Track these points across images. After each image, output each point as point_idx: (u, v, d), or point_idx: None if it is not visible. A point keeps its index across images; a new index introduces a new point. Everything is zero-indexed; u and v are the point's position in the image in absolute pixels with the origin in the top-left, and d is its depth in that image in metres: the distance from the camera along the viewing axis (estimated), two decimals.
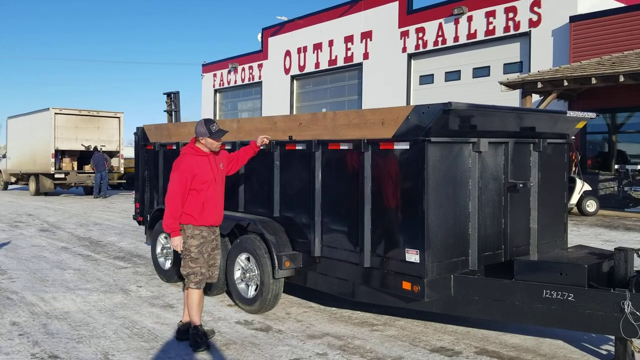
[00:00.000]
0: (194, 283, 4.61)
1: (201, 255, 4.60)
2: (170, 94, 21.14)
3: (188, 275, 4.61)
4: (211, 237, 4.68)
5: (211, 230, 4.68)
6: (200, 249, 4.60)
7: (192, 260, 4.59)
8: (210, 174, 4.62)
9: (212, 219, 4.65)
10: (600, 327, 4.07)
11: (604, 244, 9.40)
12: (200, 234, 4.60)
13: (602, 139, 17.15)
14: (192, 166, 4.55)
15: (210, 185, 4.61)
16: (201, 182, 4.55)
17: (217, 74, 33.69)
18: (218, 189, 4.71)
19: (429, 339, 4.81)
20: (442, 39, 21.14)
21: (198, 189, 4.55)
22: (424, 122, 4.30)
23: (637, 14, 15.84)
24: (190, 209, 4.56)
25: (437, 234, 4.41)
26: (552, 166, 5.35)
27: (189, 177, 4.51)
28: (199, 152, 4.65)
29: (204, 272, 4.64)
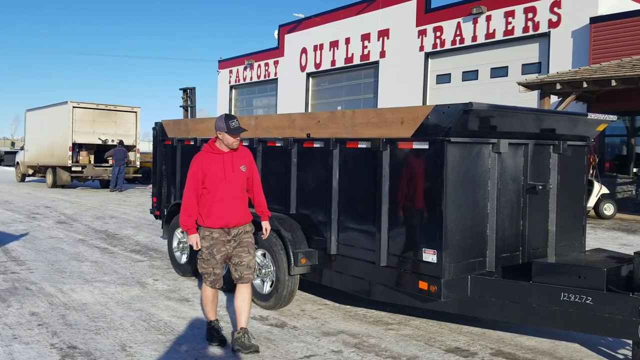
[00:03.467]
0: (209, 282, 4.53)
1: (212, 257, 4.41)
2: (186, 89, 21.29)
3: (202, 274, 4.53)
4: (226, 238, 4.44)
5: (224, 231, 4.43)
6: (211, 251, 4.40)
7: (203, 262, 4.46)
8: (221, 173, 4.38)
9: (220, 221, 4.39)
10: (618, 331, 4.04)
11: (622, 247, 9.30)
12: (210, 235, 4.40)
13: (620, 142, 16.97)
14: (204, 164, 4.38)
15: (220, 185, 4.37)
16: (211, 181, 4.36)
17: (233, 70, 33.79)
18: (231, 191, 4.41)
19: (444, 339, 4.80)
20: (460, 38, 21.01)
21: (208, 188, 4.38)
22: (444, 122, 4.29)
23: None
24: (201, 210, 4.41)
25: (455, 234, 4.40)
26: (571, 169, 5.32)
27: (200, 175, 4.36)
28: (214, 150, 4.46)
29: (218, 272, 4.47)
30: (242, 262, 4.48)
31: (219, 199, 4.37)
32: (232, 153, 4.46)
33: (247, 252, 4.50)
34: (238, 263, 4.50)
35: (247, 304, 4.49)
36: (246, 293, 4.50)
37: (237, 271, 4.50)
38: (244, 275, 4.49)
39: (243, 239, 4.51)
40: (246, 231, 4.54)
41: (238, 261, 4.50)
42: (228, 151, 4.45)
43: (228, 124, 4.38)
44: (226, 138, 4.40)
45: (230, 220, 4.42)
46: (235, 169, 4.44)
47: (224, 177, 4.38)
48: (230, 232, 4.45)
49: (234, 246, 4.48)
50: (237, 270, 4.50)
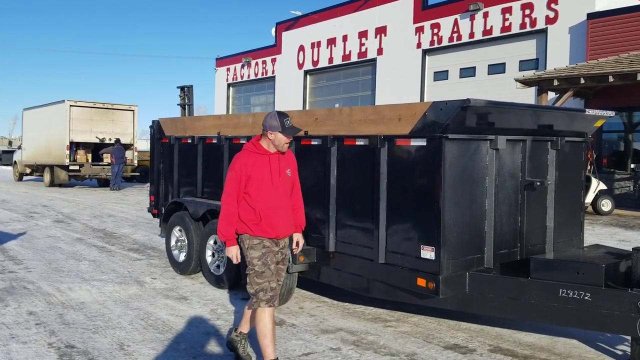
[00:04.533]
0: (265, 301, 3.78)
1: (267, 268, 3.82)
2: (183, 87, 21.25)
3: (256, 293, 3.81)
4: (275, 249, 3.94)
5: (273, 242, 3.93)
6: (265, 261, 3.83)
7: (257, 275, 3.82)
8: (268, 176, 3.87)
9: (273, 231, 3.89)
10: (617, 327, 4.04)
11: (620, 243, 9.32)
12: (260, 243, 3.86)
13: (618, 138, 16.98)
14: (248, 165, 3.85)
15: (266, 190, 3.86)
16: (256, 185, 3.84)
17: (230, 68, 33.76)
18: (278, 197, 3.92)
19: (442, 336, 4.80)
20: (457, 35, 21.01)
21: (252, 193, 3.85)
22: (441, 118, 4.28)
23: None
24: (246, 217, 3.87)
25: (453, 231, 4.39)
26: (569, 165, 5.31)
27: (243, 178, 3.83)
28: (259, 150, 3.92)
29: (274, 286, 3.84)
30: (280, 281, 4.03)
31: (266, 206, 3.86)
32: (279, 155, 3.96)
33: (285, 270, 4.14)
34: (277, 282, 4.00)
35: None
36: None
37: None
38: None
39: (285, 255, 4.07)
40: (287, 245, 4.11)
41: (277, 279, 4.00)
42: (274, 152, 3.94)
43: (282, 123, 3.86)
44: (279, 138, 3.87)
45: (282, 230, 3.94)
46: (282, 173, 3.95)
47: (270, 181, 3.87)
48: (279, 243, 3.99)
49: (277, 261, 3.98)
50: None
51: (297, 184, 4.17)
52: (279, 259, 4.00)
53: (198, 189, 7.08)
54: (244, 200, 3.88)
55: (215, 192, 6.79)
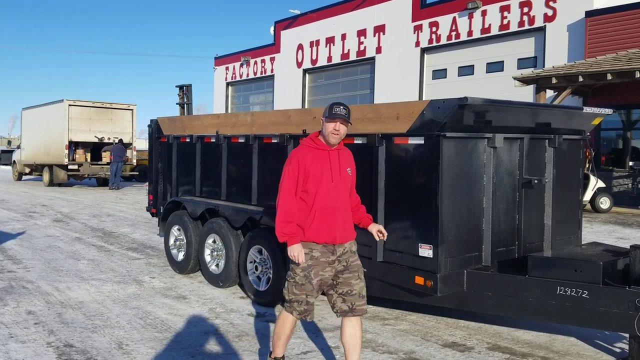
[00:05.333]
0: (298, 312, 3.57)
1: (308, 282, 3.50)
2: (182, 86, 21.25)
3: (291, 301, 3.58)
4: (329, 259, 3.54)
5: (328, 250, 3.54)
6: (308, 274, 3.50)
7: (296, 286, 3.53)
8: (327, 174, 3.53)
9: (327, 235, 3.52)
10: (615, 325, 4.04)
11: (618, 241, 9.33)
12: (308, 254, 3.51)
13: (616, 136, 17.00)
14: (306, 161, 3.52)
15: (325, 189, 3.52)
16: (314, 183, 3.51)
17: (229, 67, 33.75)
18: (338, 197, 3.57)
19: (440, 334, 4.81)
20: (455, 33, 21.01)
21: (310, 190, 3.52)
22: (439, 117, 4.29)
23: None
24: (299, 219, 3.54)
25: (451, 229, 4.40)
26: (567, 162, 5.32)
27: (301, 173, 3.51)
28: (318, 145, 3.59)
29: (312, 302, 3.56)
30: (353, 291, 3.58)
31: (322, 206, 3.52)
32: (339, 151, 3.65)
33: (358, 277, 3.61)
34: (347, 292, 3.58)
35: (359, 339, 3.61)
36: (357, 326, 3.60)
37: (347, 302, 3.58)
38: (357, 307, 3.59)
39: (351, 262, 3.61)
40: (352, 251, 3.67)
41: (347, 290, 3.58)
42: (334, 148, 3.62)
43: (330, 110, 3.57)
44: (325, 126, 3.57)
45: (338, 234, 3.55)
46: (342, 171, 3.62)
47: (330, 179, 3.55)
48: (336, 250, 3.57)
49: (340, 270, 3.59)
50: (346, 301, 3.58)
51: (354, 183, 3.82)
52: (339, 268, 3.57)
53: (197, 188, 7.09)
54: (301, 200, 3.55)
55: (213, 191, 6.81)
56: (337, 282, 3.59)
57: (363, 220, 3.86)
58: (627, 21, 16.14)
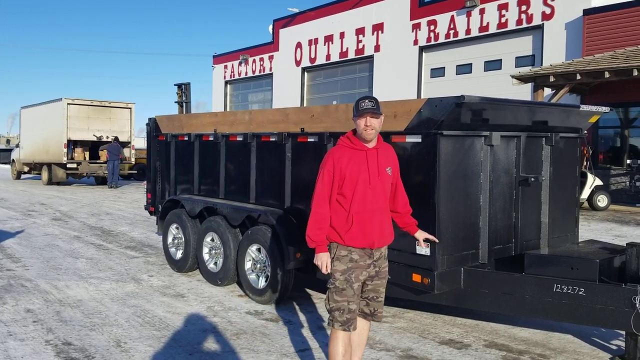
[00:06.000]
0: (340, 323, 3.37)
1: (349, 286, 3.36)
2: (181, 85, 21.24)
3: (332, 311, 3.41)
4: (366, 262, 3.43)
5: (366, 253, 3.42)
6: (348, 277, 3.37)
7: (337, 292, 3.37)
8: (365, 175, 3.37)
9: (366, 239, 3.38)
10: (611, 322, 4.07)
11: (615, 239, 9.35)
12: (347, 255, 3.39)
13: (614, 134, 17.02)
14: (342, 162, 3.36)
15: (363, 191, 3.37)
16: (351, 185, 3.36)
17: (227, 65, 33.72)
18: (376, 199, 3.42)
19: (438, 331, 4.83)
20: (453, 31, 21.01)
21: (346, 194, 3.37)
22: (436, 115, 4.30)
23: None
24: (337, 222, 3.40)
25: (448, 227, 4.41)
26: (564, 160, 5.33)
27: (337, 176, 3.36)
28: (355, 145, 3.42)
29: (354, 308, 3.39)
30: (379, 298, 3.56)
31: (360, 210, 3.38)
32: (378, 150, 3.46)
33: (384, 285, 3.58)
34: (373, 298, 3.54)
35: (365, 338, 3.70)
36: (367, 326, 3.68)
37: (370, 306, 3.56)
38: (378, 313, 3.59)
39: (382, 268, 3.53)
40: (385, 256, 3.57)
41: (374, 296, 3.54)
42: (372, 147, 3.44)
43: (357, 107, 3.41)
44: (357, 125, 3.40)
45: (376, 238, 3.42)
46: (381, 172, 3.45)
47: (368, 180, 3.39)
48: (373, 254, 3.45)
49: (372, 275, 3.48)
50: (369, 305, 3.55)
51: (400, 183, 3.67)
52: (372, 273, 3.46)
53: (195, 187, 7.10)
54: (337, 203, 3.40)
55: (212, 189, 6.82)
56: (366, 288, 3.51)
57: (408, 226, 3.75)
58: (624, 19, 16.16)
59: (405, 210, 3.69)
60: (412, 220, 3.74)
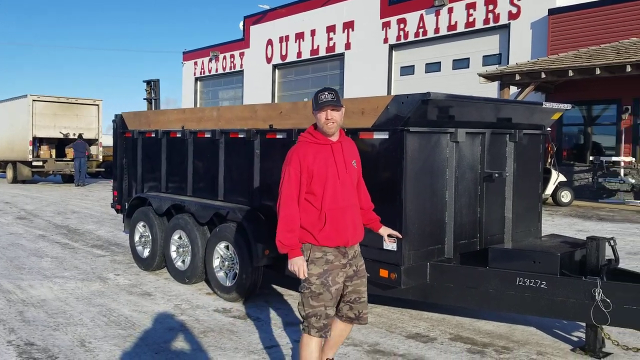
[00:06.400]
0: (317, 329, 3.20)
1: (326, 290, 3.19)
2: (150, 81, 20.98)
3: (308, 317, 3.22)
4: (341, 262, 3.27)
5: (340, 253, 3.26)
6: (325, 280, 3.20)
7: (313, 297, 3.19)
8: (333, 170, 3.23)
9: (340, 238, 3.24)
10: (572, 314, 4.17)
11: (578, 233, 9.58)
12: (323, 257, 3.22)
13: (577, 131, 17.43)
14: (308, 158, 3.21)
15: (334, 186, 3.22)
16: (320, 182, 3.20)
17: (198, 62, 33.41)
18: (347, 195, 3.28)
19: (404, 326, 4.88)
20: (423, 30, 21.22)
21: (316, 191, 3.21)
22: (403, 112, 4.34)
23: (615, 7, 16.07)
24: (307, 222, 3.23)
25: (415, 222, 4.46)
26: (527, 157, 5.44)
27: (304, 174, 3.19)
28: (318, 139, 3.27)
29: (331, 313, 3.24)
30: (361, 299, 3.39)
31: (332, 207, 3.22)
32: (342, 143, 3.34)
33: (365, 284, 3.43)
34: (356, 300, 3.37)
35: (345, 338, 3.60)
36: (349, 328, 3.52)
37: (354, 310, 3.38)
38: (362, 315, 3.41)
39: (360, 266, 3.39)
40: (360, 253, 3.44)
41: (356, 297, 3.36)
42: (337, 140, 3.32)
43: (316, 100, 3.24)
44: (317, 120, 3.25)
45: (351, 235, 3.28)
46: (348, 165, 3.31)
47: (337, 175, 3.24)
48: (348, 253, 3.30)
49: (350, 275, 3.33)
50: (353, 308, 3.37)
51: (361, 179, 3.54)
52: (349, 273, 3.31)
53: (162, 184, 7.02)
54: (306, 202, 3.23)
55: (179, 186, 6.75)
56: (346, 290, 3.33)
57: (372, 223, 3.62)
58: (588, 19, 16.56)
59: (368, 206, 3.60)
60: (375, 217, 3.65)
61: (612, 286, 3.95)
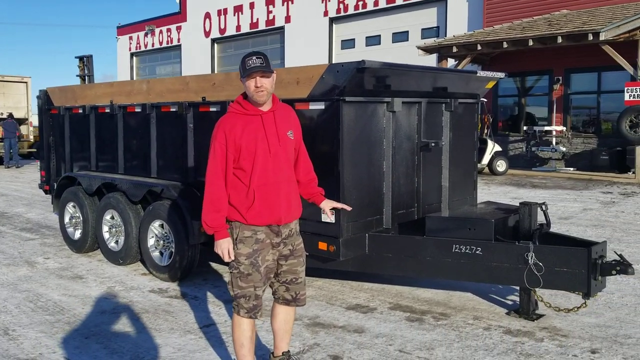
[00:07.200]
0: (246, 310, 3.06)
1: (255, 270, 3.02)
2: (82, 57, 20.09)
3: (237, 297, 3.07)
4: (274, 241, 3.09)
5: (273, 231, 3.07)
6: (254, 260, 3.02)
7: (242, 278, 3.03)
8: (264, 143, 2.99)
9: (271, 215, 3.03)
10: (506, 279, 4.25)
11: (512, 200, 9.87)
12: (252, 237, 3.03)
13: (512, 102, 17.92)
14: (236, 132, 2.98)
15: (264, 161, 3.00)
16: (249, 156, 2.98)
17: (133, 36, 32.19)
18: (280, 169, 3.05)
19: (345, 297, 4.87)
20: (362, 3, 21.13)
21: (245, 167, 2.99)
22: (338, 81, 4.25)
23: None
24: (235, 199, 3.02)
25: (352, 193, 4.41)
26: (463, 126, 5.48)
27: (231, 148, 2.98)
28: (247, 110, 3.03)
29: (260, 294, 3.08)
30: (299, 279, 3.20)
31: (262, 182, 3.00)
32: (275, 113, 3.07)
33: (303, 264, 3.23)
34: (292, 280, 3.18)
35: (291, 324, 3.35)
36: (292, 312, 3.31)
37: (290, 291, 3.20)
38: (300, 297, 3.23)
39: (297, 245, 3.20)
40: (298, 232, 3.23)
41: (292, 278, 3.18)
42: (268, 110, 3.06)
43: (243, 66, 2.96)
44: (246, 88, 2.99)
45: (284, 213, 3.06)
46: (282, 137, 3.06)
47: (268, 149, 3.01)
48: (281, 231, 3.09)
49: (285, 254, 3.14)
50: (289, 289, 3.20)
51: (302, 148, 3.29)
52: (284, 252, 3.12)
53: (92, 162, 6.69)
54: (235, 177, 3.02)
55: (110, 164, 6.45)
56: (281, 269, 3.15)
57: (314, 197, 3.36)
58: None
59: (308, 179, 3.31)
60: (318, 190, 3.38)
61: (544, 250, 4.04)
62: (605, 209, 9.36)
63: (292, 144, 3.15)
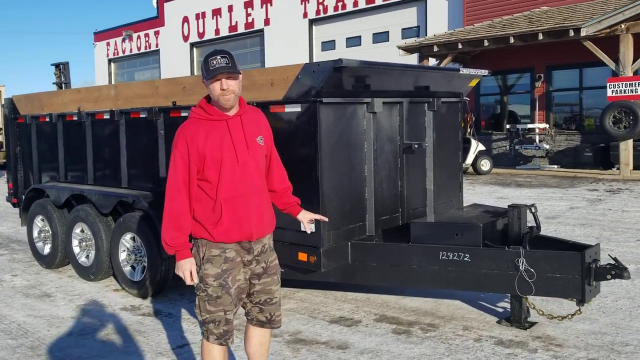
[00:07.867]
0: (216, 336, 2.75)
1: (225, 292, 2.71)
2: (59, 64, 19.71)
3: (205, 322, 2.77)
4: (245, 259, 2.77)
5: (243, 248, 2.76)
6: (224, 282, 2.71)
7: (210, 301, 2.72)
8: (231, 151, 2.69)
9: (241, 232, 2.72)
10: (496, 286, 4.05)
11: (498, 200, 9.73)
12: (221, 255, 2.72)
13: (494, 101, 17.83)
14: (198, 140, 2.66)
15: (232, 171, 2.70)
16: (214, 166, 2.68)
17: (110, 42, 31.75)
18: (249, 179, 2.74)
19: (328, 310, 4.62)
20: (342, 3, 20.96)
21: (211, 178, 2.69)
22: (315, 81, 4.01)
23: None
24: (201, 214, 2.73)
25: (333, 200, 4.17)
26: (446, 126, 5.27)
27: (193, 158, 2.66)
28: (211, 115, 2.71)
29: (231, 318, 2.76)
30: (273, 300, 2.90)
31: (231, 194, 2.70)
32: (242, 117, 2.75)
33: (277, 282, 2.93)
34: (267, 301, 2.88)
35: (267, 347, 3.03)
36: (267, 334, 3.00)
37: (265, 312, 2.89)
38: (275, 318, 2.93)
39: (270, 262, 2.89)
40: (272, 247, 2.93)
41: (267, 298, 2.87)
42: (235, 114, 2.74)
43: (207, 66, 2.64)
44: (210, 91, 2.67)
45: (255, 227, 2.76)
46: (251, 144, 2.75)
47: (235, 157, 2.70)
48: (253, 248, 2.79)
49: (258, 273, 2.84)
50: (264, 310, 2.89)
51: (275, 154, 3.00)
52: (256, 271, 2.82)
53: (61, 173, 6.38)
54: (200, 190, 2.71)
55: (79, 175, 6.14)
56: (254, 289, 2.84)
57: (289, 207, 3.08)
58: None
59: (283, 188, 3.02)
60: (294, 199, 3.10)
61: (535, 255, 3.84)
62: (592, 207, 9.23)
63: (263, 151, 2.84)
